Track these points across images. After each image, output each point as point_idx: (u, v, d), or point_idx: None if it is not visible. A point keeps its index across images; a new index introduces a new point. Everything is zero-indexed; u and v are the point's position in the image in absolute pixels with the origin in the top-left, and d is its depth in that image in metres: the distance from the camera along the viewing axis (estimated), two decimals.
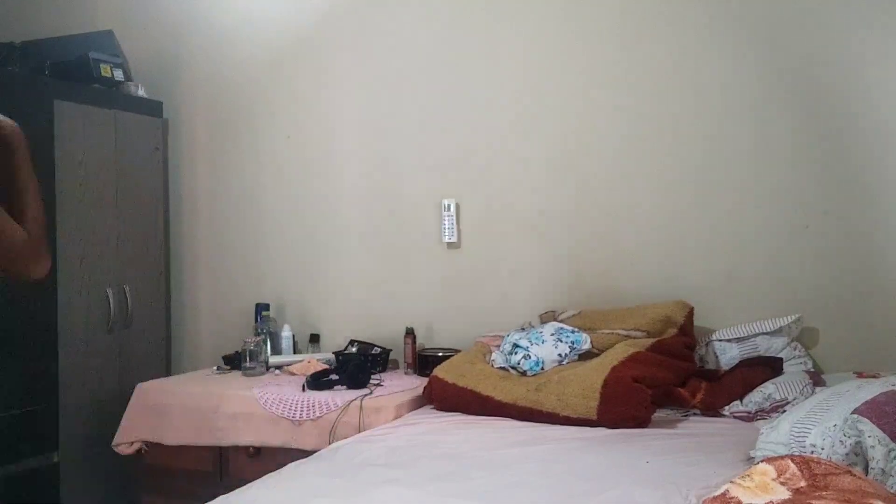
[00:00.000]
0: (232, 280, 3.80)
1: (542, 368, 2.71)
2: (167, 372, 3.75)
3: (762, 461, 1.66)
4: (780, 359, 2.71)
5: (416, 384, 2.98)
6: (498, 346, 2.93)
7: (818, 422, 1.92)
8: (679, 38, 2.96)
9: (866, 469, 1.76)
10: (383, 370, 3.27)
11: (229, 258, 3.82)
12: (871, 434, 1.77)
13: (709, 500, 1.53)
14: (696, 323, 2.92)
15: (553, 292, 3.19)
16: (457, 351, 3.23)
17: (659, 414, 2.55)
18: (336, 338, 3.49)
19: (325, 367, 3.15)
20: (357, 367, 3.03)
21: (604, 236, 3.10)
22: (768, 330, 2.78)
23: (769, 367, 2.66)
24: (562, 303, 3.16)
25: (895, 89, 2.69)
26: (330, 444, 2.51)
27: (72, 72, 3.43)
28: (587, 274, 3.13)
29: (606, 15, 3.07)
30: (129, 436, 3.04)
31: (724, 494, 1.51)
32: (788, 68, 2.81)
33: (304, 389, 2.90)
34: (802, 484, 1.52)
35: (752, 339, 2.80)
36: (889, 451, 1.75)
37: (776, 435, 1.98)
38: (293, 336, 3.51)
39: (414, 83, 3.41)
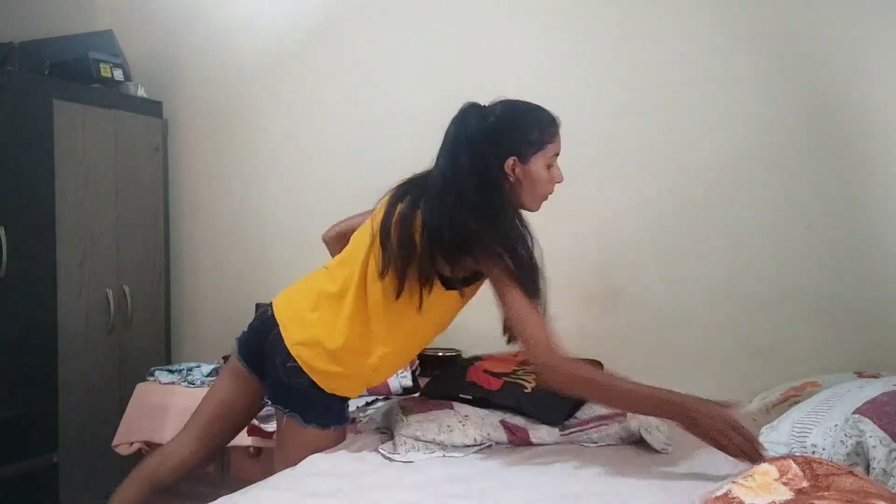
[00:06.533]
0: (232, 280, 3.80)
1: None
2: None
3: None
4: None
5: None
6: None
7: (819, 422, 1.91)
8: (681, 39, 2.96)
9: (868, 469, 1.76)
10: None
11: (229, 258, 3.81)
12: (873, 434, 1.77)
13: (711, 500, 1.52)
14: None
15: (552, 292, 3.17)
16: (457, 351, 3.23)
17: None
18: None
19: None
20: None
21: (603, 236, 3.10)
22: None
23: None
24: (560, 302, 3.15)
25: None
26: None
27: (72, 72, 3.42)
28: (586, 274, 3.12)
29: (609, 14, 3.06)
30: (128, 436, 3.04)
31: (725, 494, 1.51)
32: (790, 68, 2.81)
33: None
34: (805, 484, 1.52)
35: None
36: (890, 452, 1.75)
37: (776, 435, 1.97)
38: None
39: (414, 83, 3.41)
